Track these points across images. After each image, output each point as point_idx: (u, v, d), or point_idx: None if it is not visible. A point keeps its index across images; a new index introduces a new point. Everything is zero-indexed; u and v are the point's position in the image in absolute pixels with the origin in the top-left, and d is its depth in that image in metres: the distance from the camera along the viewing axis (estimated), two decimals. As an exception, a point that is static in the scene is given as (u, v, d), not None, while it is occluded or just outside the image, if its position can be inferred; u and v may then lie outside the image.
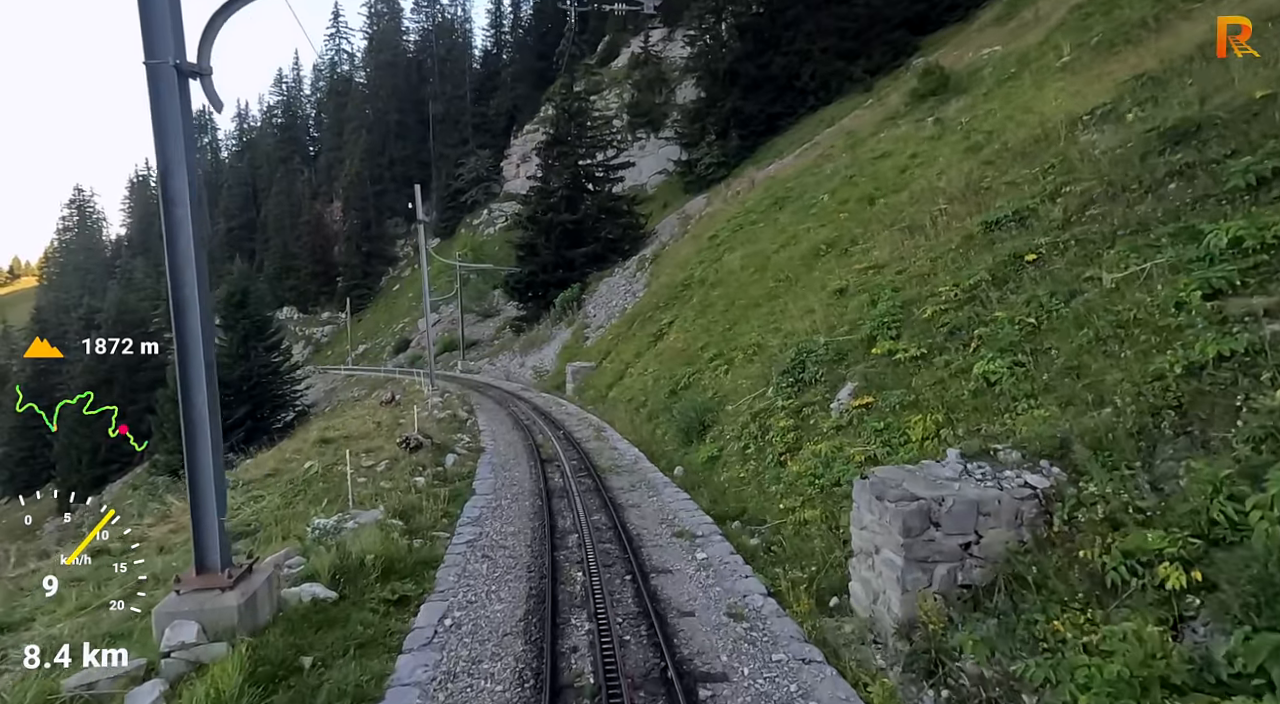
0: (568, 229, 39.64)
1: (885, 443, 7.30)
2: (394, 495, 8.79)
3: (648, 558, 6.73)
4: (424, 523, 7.75)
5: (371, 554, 5.99)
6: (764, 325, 13.97)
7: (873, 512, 5.25)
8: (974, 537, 4.88)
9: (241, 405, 36.25)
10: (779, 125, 44.01)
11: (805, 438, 8.88)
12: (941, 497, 4.89)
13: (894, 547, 4.96)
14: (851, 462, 7.43)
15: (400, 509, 8.10)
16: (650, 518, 8.22)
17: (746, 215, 24.37)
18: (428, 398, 21.80)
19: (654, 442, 13.80)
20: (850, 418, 8.26)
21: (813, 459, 8.10)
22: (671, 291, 23.49)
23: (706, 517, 8.34)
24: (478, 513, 8.43)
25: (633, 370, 20.43)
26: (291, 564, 5.98)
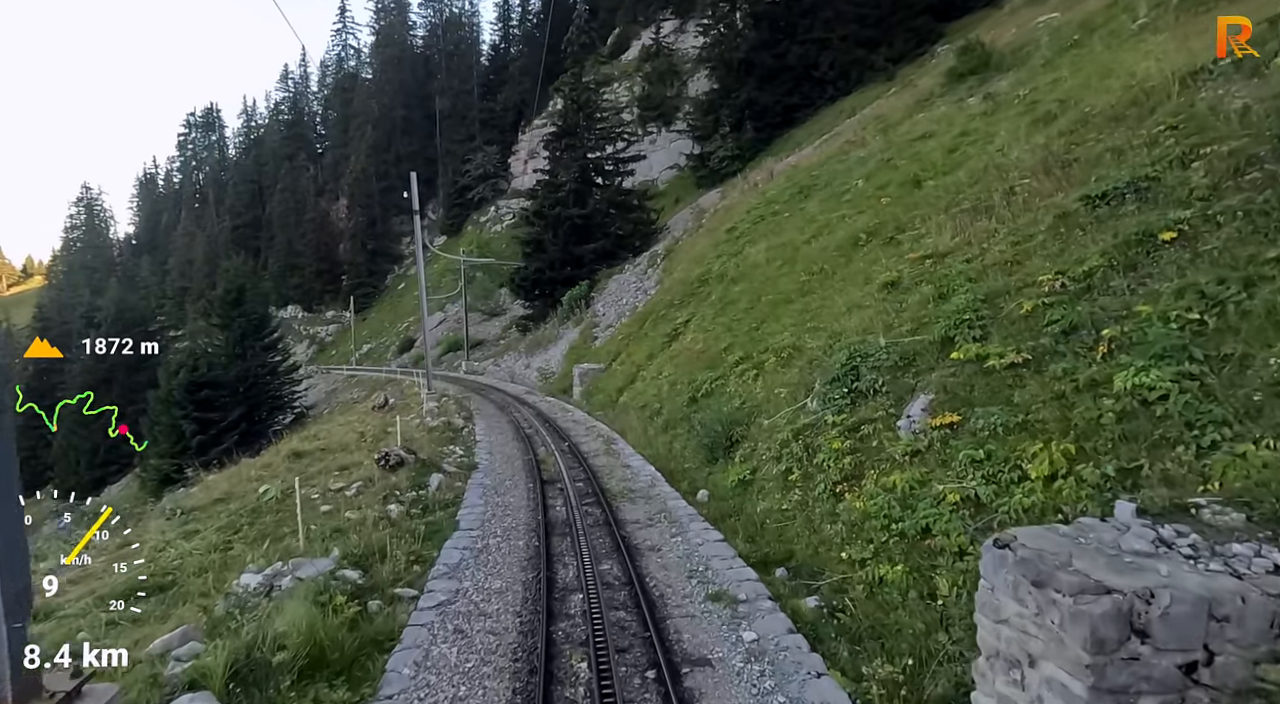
0: (576, 224, 38.00)
1: (989, 479, 5.52)
2: (358, 532, 7.11)
3: (676, 639, 4.99)
4: (387, 575, 6.06)
5: (295, 637, 4.30)
6: (798, 324, 12.19)
7: (1025, 602, 3.49)
8: (1201, 654, 3.12)
9: (236, 407, 34.82)
10: (795, 117, 42.21)
11: (868, 464, 7.11)
12: (1149, 589, 3.12)
13: (1071, 665, 3.20)
14: (943, 502, 5.65)
15: (361, 553, 6.42)
16: (675, 568, 6.49)
17: (768, 206, 22.56)
18: (423, 403, 20.17)
19: (672, 458, 12.06)
20: (929, 441, 6.48)
21: (883, 495, 6.32)
22: (687, 288, 21.73)
23: (746, 566, 6.60)
24: (458, 558, 6.73)
25: (645, 373, 18.70)
26: (180, 655, 4.28)
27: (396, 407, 20.55)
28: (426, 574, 6.28)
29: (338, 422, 18.94)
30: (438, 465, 10.92)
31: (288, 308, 77.09)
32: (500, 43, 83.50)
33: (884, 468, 6.80)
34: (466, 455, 12.68)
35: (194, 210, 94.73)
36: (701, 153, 46.03)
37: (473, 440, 14.44)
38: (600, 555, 6.74)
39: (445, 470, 10.81)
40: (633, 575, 6.05)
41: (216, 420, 33.61)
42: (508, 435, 15.21)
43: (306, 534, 6.82)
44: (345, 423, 18.01)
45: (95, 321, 57.07)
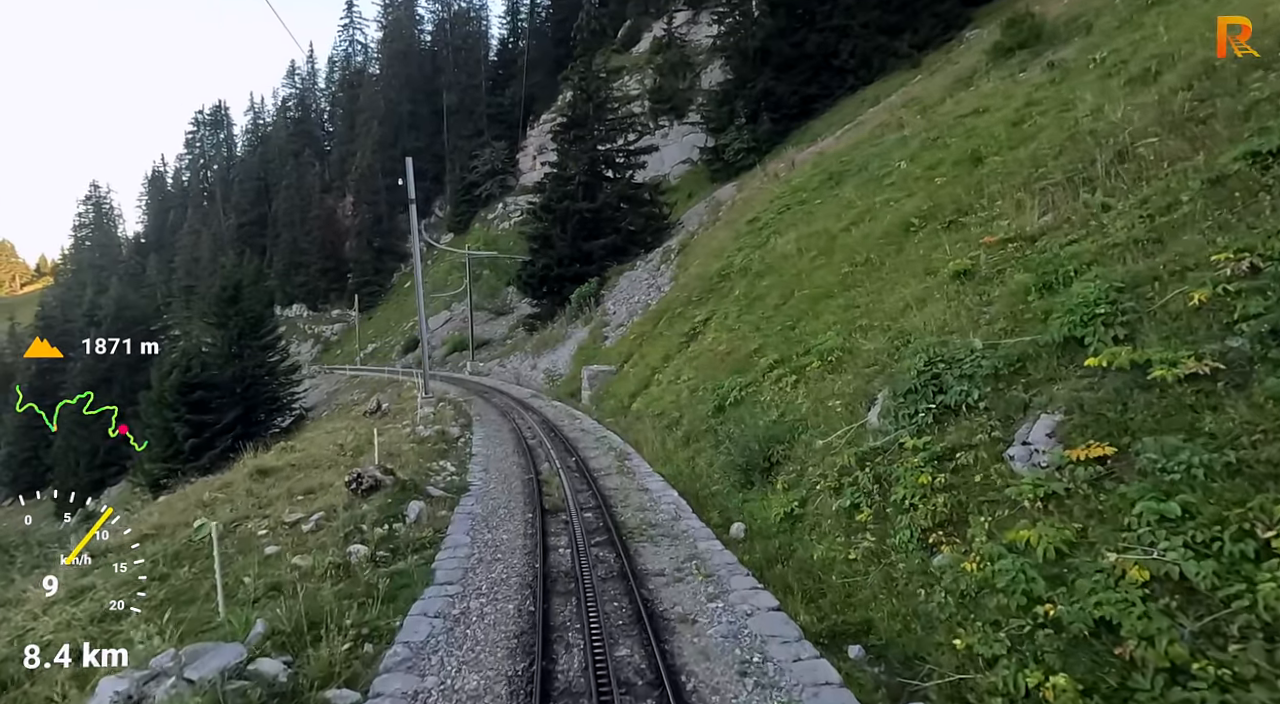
0: (585, 219, 36.33)
1: (1198, 549, 3.71)
2: (300, 589, 5.41)
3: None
4: (321, 665, 4.36)
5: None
6: (844, 321, 10.39)
7: None
8: None
9: (231, 409, 33.38)
10: (814, 108, 40.40)
11: (972, 507, 5.32)
12: None
13: None
14: (1123, 581, 3.84)
15: (292, 630, 4.74)
16: (719, 656, 4.71)
17: (794, 194, 20.75)
18: (419, 407, 18.52)
19: (696, 478, 10.31)
20: (1072, 482, 4.68)
21: (1009, 557, 4.52)
22: (705, 284, 19.97)
23: (811, 648, 4.84)
24: (425, 632, 5.00)
25: (661, 377, 16.95)
26: None
27: (390, 412, 18.93)
28: (378, 661, 4.56)
29: (324, 429, 17.32)
30: (421, 488, 9.21)
31: (293, 306, 75.96)
32: (509, 37, 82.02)
33: (1000, 515, 5.01)
34: (459, 473, 10.97)
35: (200, 208, 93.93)
36: (716, 146, 44.26)
37: (468, 454, 12.74)
38: (616, 631, 4.99)
39: (430, 494, 9.10)
40: (662, 671, 4.30)
41: (210, 423, 32.20)
42: (508, 447, 13.50)
43: (229, 595, 5.14)
44: (331, 430, 16.38)
45: (96, 320, 56.06)
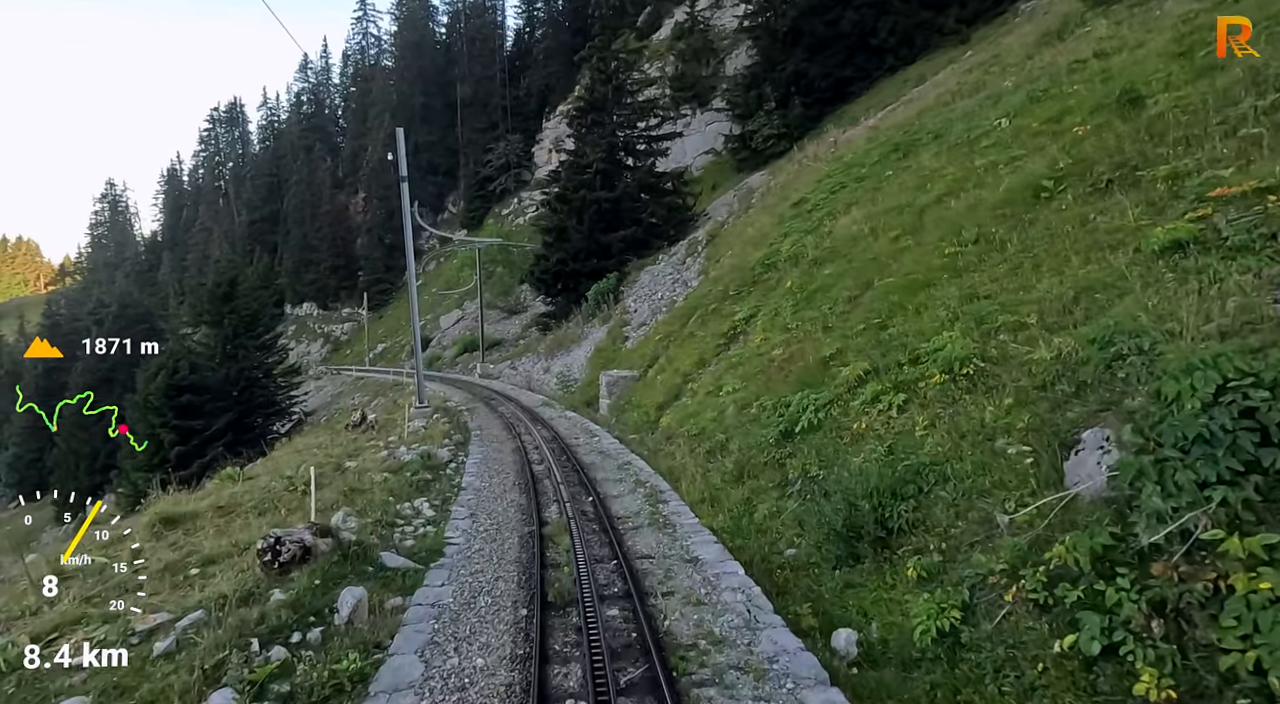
0: (603, 209, 33.52)
1: None
2: None
3: None
4: None
5: None
6: (969, 317, 7.40)
7: None
8: None
9: (223, 414, 31.04)
10: (849, 91, 37.31)
11: None
12: None
13: None
14: None
15: None
16: None
17: (848, 171, 17.73)
18: (409, 420, 15.81)
19: (760, 533, 7.40)
20: None
21: None
22: (745, 276, 17.02)
23: None
24: None
25: (696, 386, 14.05)
26: None
27: (378, 425, 16.23)
28: None
29: (295, 447, 14.64)
30: (372, 555, 6.38)
31: (303, 305, 74.17)
32: (525, 27, 79.50)
33: None
34: (435, 522, 8.15)
35: (213, 206, 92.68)
36: (742, 133, 41.16)
37: (455, 488, 9.92)
38: None
39: (384, 567, 6.26)
40: None
41: (199, 429, 29.87)
42: (507, 478, 10.66)
43: None
44: (303, 449, 13.70)
45: (100, 319, 54.47)
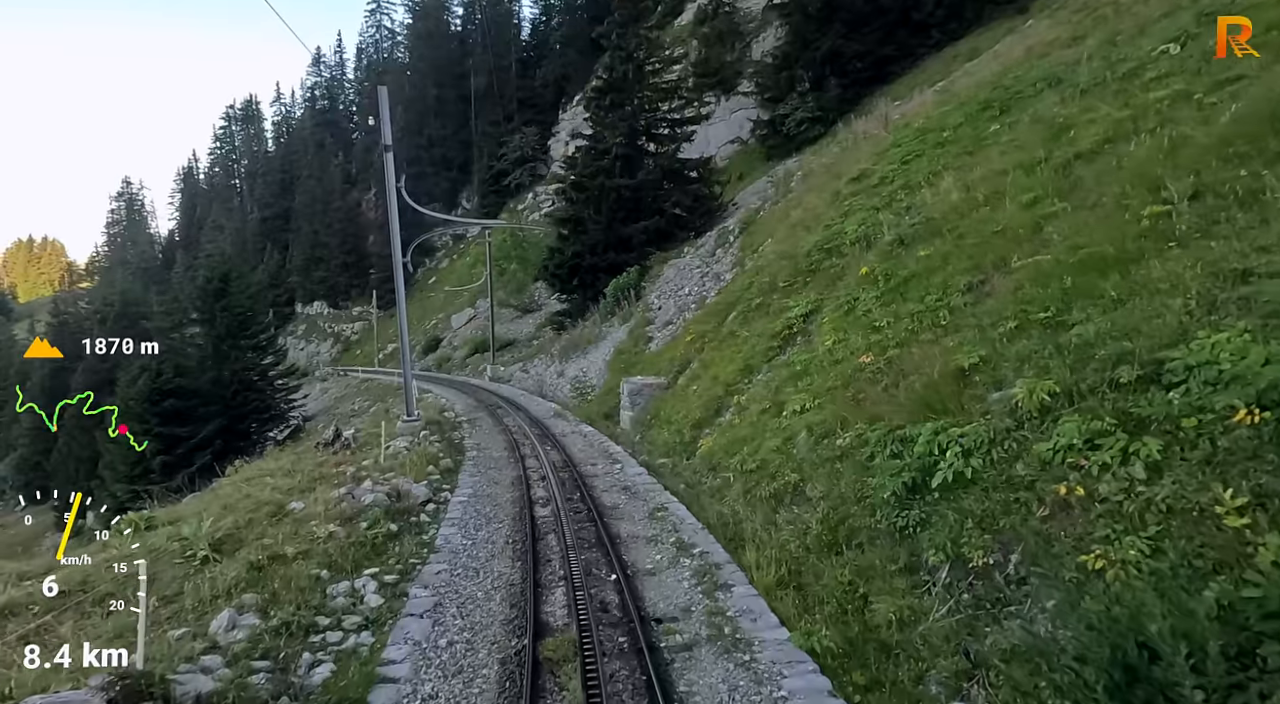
0: (623, 198, 30.66)
1: None
2: None
3: None
4: None
5: None
6: (1257, 304, 4.39)
7: None
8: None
9: (213, 420, 28.64)
10: (889, 71, 34.02)
11: None
12: None
13: None
14: None
15: None
16: None
17: (920, 138, 14.61)
18: (393, 438, 13.02)
19: (897, 665, 4.45)
20: None
21: None
22: (796, 264, 13.99)
23: None
24: None
25: (744, 400, 11.08)
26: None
27: (356, 444, 13.45)
28: None
29: (244, 474, 11.90)
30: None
31: (313, 304, 72.25)
32: (540, 15, 76.85)
33: None
34: (377, 624, 5.28)
35: (226, 204, 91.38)
36: (772, 118, 37.93)
37: (423, 553, 7.06)
38: None
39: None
40: None
41: (185, 436, 27.49)
42: (500, 533, 7.79)
43: None
44: (253, 478, 10.94)
45: (103, 319, 52.85)
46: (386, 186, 13.84)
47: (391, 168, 13.77)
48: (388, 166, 13.72)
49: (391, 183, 13.77)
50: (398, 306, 15.34)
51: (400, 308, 15.29)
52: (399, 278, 14.82)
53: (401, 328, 15.61)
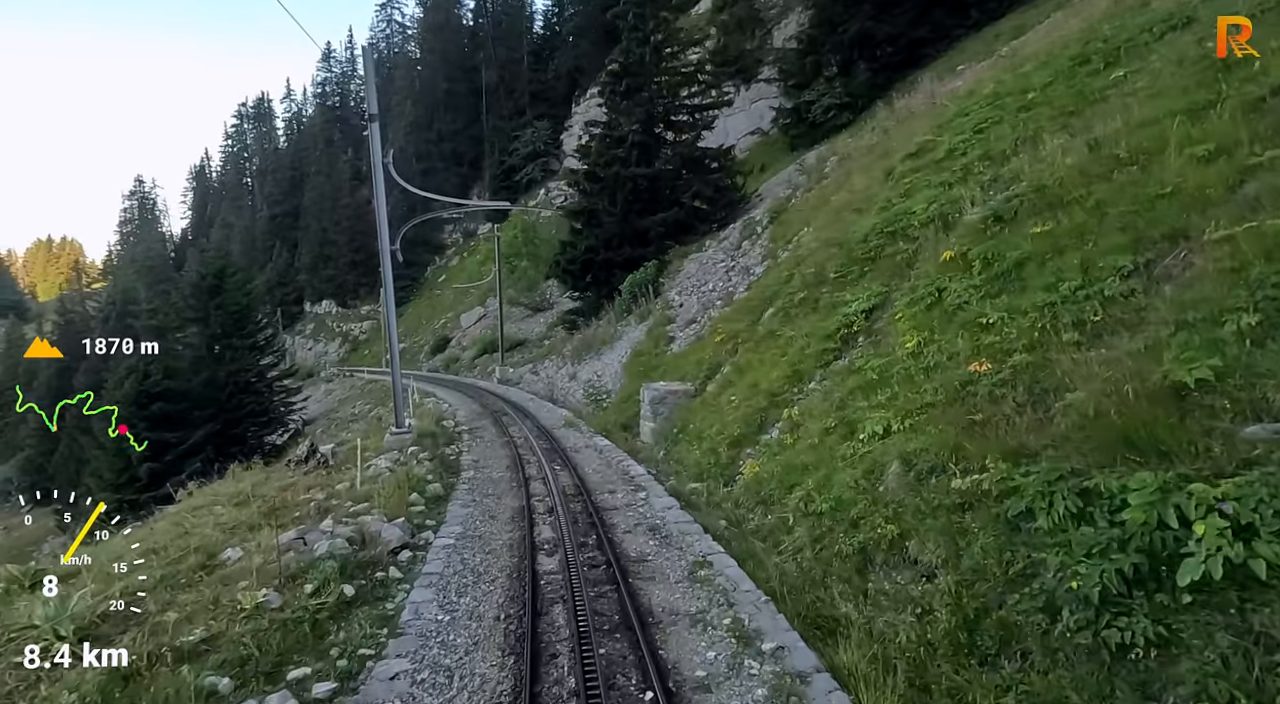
0: (640, 188, 28.64)
1: None
2: None
3: None
4: None
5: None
6: None
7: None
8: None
9: (204, 424, 26.98)
10: (923, 54, 31.68)
11: None
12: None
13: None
14: None
15: None
16: None
17: (994, 104, 12.41)
18: (376, 457, 11.09)
19: None
20: None
21: None
22: (849, 253, 11.87)
23: None
24: None
25: (796, 413, 9.00)
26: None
27: (336, 462, 11.54)
28: None
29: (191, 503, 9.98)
30: None
31: (322, 302, 70.90)
32: (553, 6, 74.94)
33: None
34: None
35: (236, 202, 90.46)
36: (796, 106, 35.70)
37: (382, 634, 5.07)
38: None
39: None
40: None
41: (175, 442, 25.83)
42: (492, 597, 5.79)
43: None
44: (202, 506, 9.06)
45: (106, 318, 51.73)
46: (372, 163, 11.94)
47: (378, 141, 11.86)
48: (373, 139, 11.81)
49: (378, 158, 11.86)
50: (385, 299, 13.44)
51: (388, 300, 13.39)
52: (386, 265, 12.94)
53: (389, 324, 13.71)
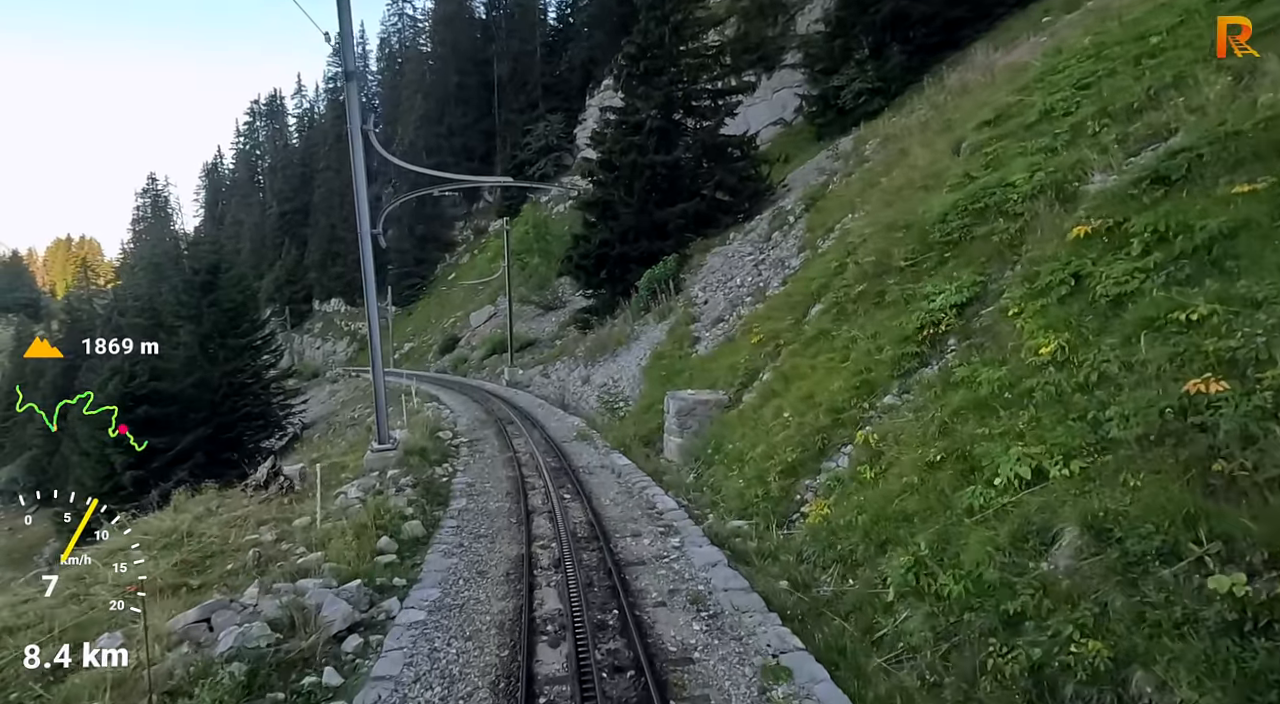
0: (659, 176, 26.58)
1: None
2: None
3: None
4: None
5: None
6: None
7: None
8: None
9: (196, 428, 25.34)
10: (960, 35, 29.17)
11: None
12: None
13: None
14: None
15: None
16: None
17: (1097, 56, 10.21)
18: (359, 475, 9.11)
19: None
20: None
21: None
22: (923, 236, 9.69)
23: None
24: None
25: (877, 437, 6.89)
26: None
27: (302, 483, 9.59)
28: None
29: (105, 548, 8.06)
30: None
31: (330, 301, 69.53)
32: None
33: None
34: None
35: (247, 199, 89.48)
36: (823, 92, 33.27)
37: None
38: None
39: None
40: None
41: (162, 448, 24.17)
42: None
43: None
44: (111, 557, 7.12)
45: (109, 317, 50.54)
46: (349, 129, 9.98)
47: (356, 103, 9.92)
48: (350, 101, 9.88)
49: (356, 123, 9.91)
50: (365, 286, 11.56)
51: (368, 288, 11.49)
52: (366, 249, 11.03)
53: (370, 314, 11.79)
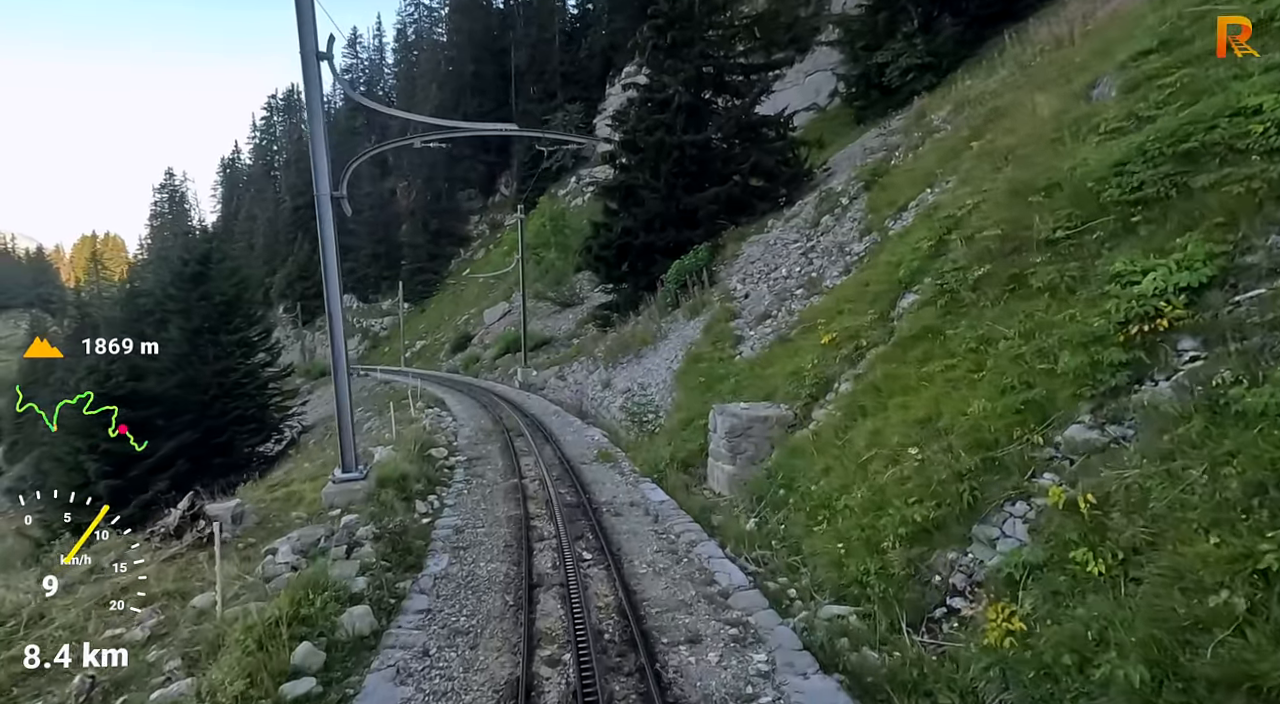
0: (687, 158, 23.97)
1: None
2: None
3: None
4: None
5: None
6: None
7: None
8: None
9: (181, 432, 23.20)
10: (1020, 5, 26.12)
11: None
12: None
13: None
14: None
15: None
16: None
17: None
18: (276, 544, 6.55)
19: None
20: None
21: None
22: (1077, 198, 6.99)
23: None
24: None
25: (1093, 501, 4.24)
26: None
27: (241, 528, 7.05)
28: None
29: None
30: None
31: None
32: (586, -17, 70.45)
33: None
34: None
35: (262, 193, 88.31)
36: (865, 71, 30.25)
37: None
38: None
39: None
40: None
41: (142, 454, 22.03)
42: None
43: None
44: None
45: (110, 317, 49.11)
46: (301, 48, 7.47)
47: (313, 23, 7.42)
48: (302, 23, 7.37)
49: (311, 45, 7.42)
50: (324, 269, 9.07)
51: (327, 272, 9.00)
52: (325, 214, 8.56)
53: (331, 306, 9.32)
